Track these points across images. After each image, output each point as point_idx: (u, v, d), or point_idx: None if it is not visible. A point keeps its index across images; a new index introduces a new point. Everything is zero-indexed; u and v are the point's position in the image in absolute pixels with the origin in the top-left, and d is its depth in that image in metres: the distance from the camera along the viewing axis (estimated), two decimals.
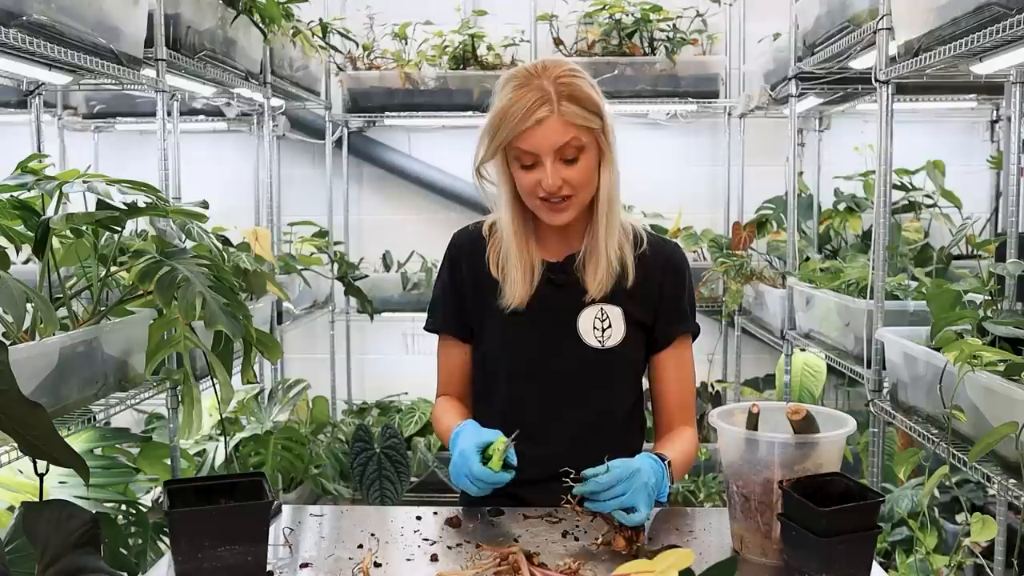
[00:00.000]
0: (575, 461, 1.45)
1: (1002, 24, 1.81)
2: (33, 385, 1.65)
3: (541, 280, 1.65)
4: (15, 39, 1.81)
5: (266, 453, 3.25)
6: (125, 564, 2.26)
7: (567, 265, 1.66)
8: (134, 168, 2.62)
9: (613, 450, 1.48)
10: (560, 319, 1.64)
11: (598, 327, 1.64)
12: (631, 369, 1.69)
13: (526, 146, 1.53)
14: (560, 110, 1.51)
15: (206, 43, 2.71)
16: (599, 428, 1.65)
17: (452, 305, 1.73)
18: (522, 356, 1.66)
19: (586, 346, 1.63)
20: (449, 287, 1.73)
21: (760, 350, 4.42)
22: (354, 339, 4.59)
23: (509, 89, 1.54)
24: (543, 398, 1.65)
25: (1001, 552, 2.24)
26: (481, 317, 1.70)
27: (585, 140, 1.54)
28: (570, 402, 1.65)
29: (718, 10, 4.29)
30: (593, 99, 1.55)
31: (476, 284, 1.70)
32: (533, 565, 1.29)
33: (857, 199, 4.14)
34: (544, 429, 1.63)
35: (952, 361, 1.83)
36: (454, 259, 1.74)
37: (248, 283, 2.38)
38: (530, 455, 1.52)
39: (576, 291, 1.64)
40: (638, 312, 1.65)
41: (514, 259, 1.64)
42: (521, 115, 1.51)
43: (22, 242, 1.87)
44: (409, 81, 4.08)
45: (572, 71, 1.56)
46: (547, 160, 1.53)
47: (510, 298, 1.63)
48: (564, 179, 1.54)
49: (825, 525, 1.23)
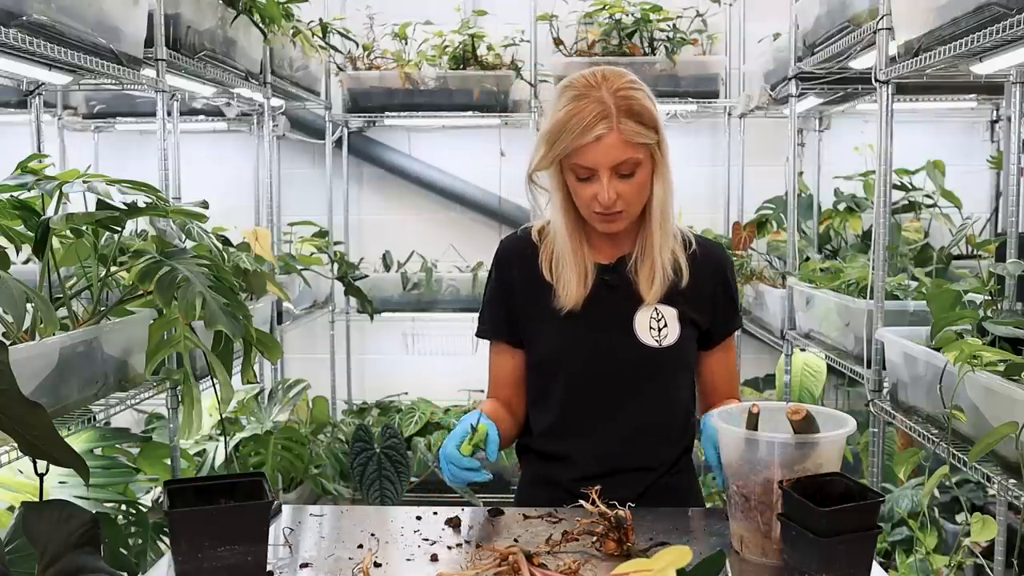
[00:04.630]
0: (627, 459, 1.60)
1: (1002, 24, 1.80)
2: (33, 385, 1.65)
3: (595, 282, 1.65)
4: (15, 39, 1.81)
5: (266, 453, 3.25)
6: (125, 564, 2.26)
7: (619, 267, 1.67)
8: (134, 168, 2.62)
9: (665, 447, 1.58)
10: (616, 319, 1.65)
11: (654, 327, 1.64)
12: (685, 367, 1.70)
13: (584, 161, 1.52)
14: (620, 127, 1.50)
15: (206, 43, 2.71)
16: (653, 426, 1.67)
17: (502, 311, 1.72)
18: (579, 356, 1.65)
19: (643, 345, 1.63)
20: (498, 293, 1.72)
21: (760, 350, 4.42)
22: (354, 339, 4.59)
23: (567, 99, 1.53)
24: (600, 398, 1.65)
25: (1001, 552, 2.24)
26: (534, 321, 1.69)
27: (642, 157, 1.54)
28: (626, 401, 1.65)
29: (718, 10, 4.28)
30: (651, 113, 1.54)
31: (528, 289, 1.69)
32: (533, 565, 1.29)
33: (857, 199, 4.14)
34: (599, 428, 1.65)
35: (952, 361, 1.83)
36: (503, 265, 1.73)
37: (248, 283, 2.38)
38: (591, 452, 1.62)
39: (630, 292, 1.65)
40: (691, 311, 1.67)
41: (569, 262, 1.63)
42: (580, 130, 1.49)
43: (22, 242, 1.87)
44: (409, 81, 4.08)
45: (632, 83, 1.55)
46: (604, 175, 1.52)
47: (565, 300, 1.63)
48: (619, 193, 1.54)
49: (825, 525, 1.23)
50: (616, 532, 1.40)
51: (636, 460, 1.64)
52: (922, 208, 4.01)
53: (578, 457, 1.66)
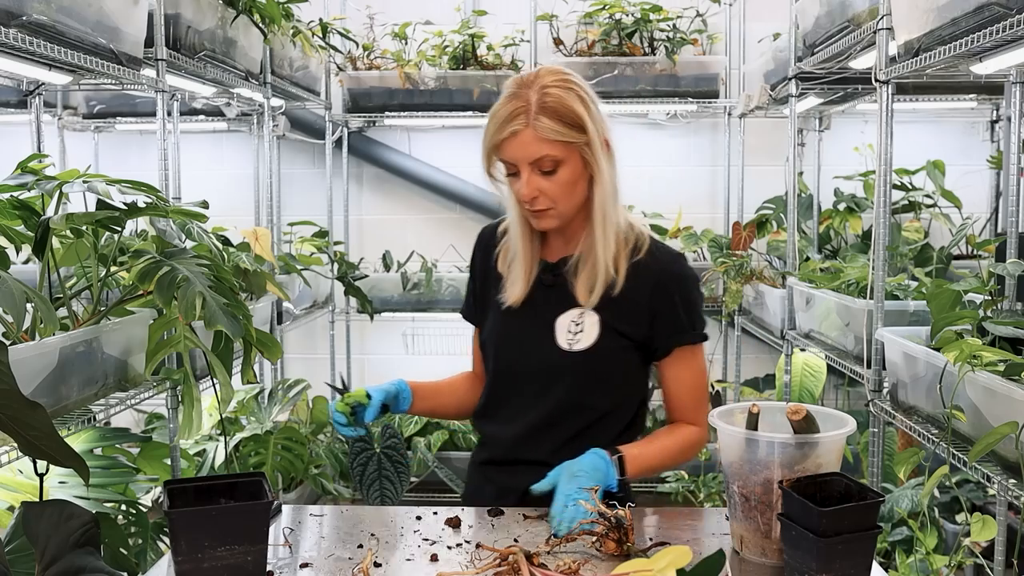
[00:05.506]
0: (529, 452, 1.66)
1: (1002, 24, 1.80)
2: (33, 385, 1.65)
3: (535, 279, 1.69)
4: (15, 39, 1.81)
5: (266, 453, 3.26)
6: (125, 564, 2.25)
7: (559, 267, 1.68)
8: (134, 168, 2.63)
9: (574, 448, 1.58)
10: (543, 319, 1.68)
11: (572, 330, 1.66)
12: (595, 375, 1.66)
13: (503, 156, 1.58)
14: (535, 124, 1.53)
15: (206, 43, 2.71)
16: (559, 427, 1.68)
17: (471, 295, 1.84)
18: (505, 349, 1.72)
19: (557, 348, 1.66)
20: (470, 279, 1.85)
21: (760, 350, 4.42)
22: (354, 339, 4.59)
23: (503, 96, 1.58)
24: (516, 391, 1.72)
25: (1001, 552, 2.24)
26: (486, 308, 1.77)
27: (561, 155, 1.55)
28: (536, 398, 1.69)
29: (718, 10, 4.29)
30: (576, 113, 1.54)
31: (485, 278, 1.78)
32: (533, 565, 1.29)
33: (857, 199, 4.14)
34: (512, 417, 1.71)
35: (952, 361, 1.83)
36: (474, 253, 1.83)
37: (248, 283, 2.38)
38: (498, 437, 1.73)
39: (564, 292, 1.67)
40: (619, 320, 1.65)
41: (519, 257, 1.69)
42: (498, 126, 1.55)
43: (22, 242, 1.86)
44: (409, 81, 4.08)
45: (564, 83, 1.56)
46: (523, 171, 1.56)
47: (508, 295, 1.69)
48: (540, 190, 1.57)
49: (825, 525, 1.23)
50: (616, 532, 1.40)
51: (538, 455, 1.64)
52: (922, 208, 4.02)
53: (490, 440, 1.78)
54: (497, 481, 1.73)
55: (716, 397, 4.42)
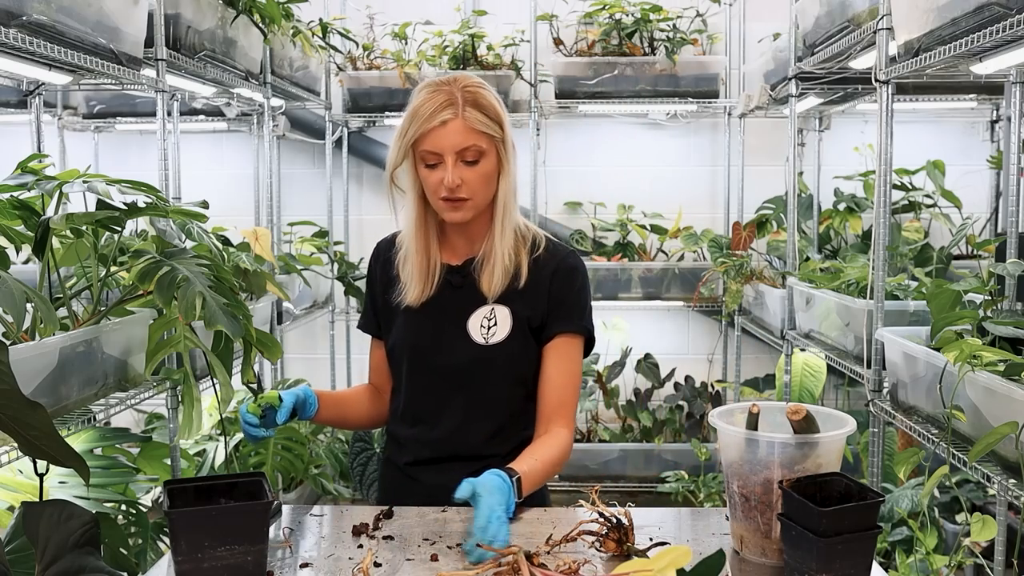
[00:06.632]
0: (454, 448, 1.72)
1: (1002, 24, 1.81)
2: (33, 385, 1.65)
3: (441, 282, 1.76)
4: (15, 39, 1.81)
5: (266, 453, 3.26)
6: (125, 564, 2.25)
7: (465, 268, 1.77)
8: (134, 168, 2.63)
9: (497, 440, 1.71)
10: (453, 318, 1.75)
11: (485, 325, 1.74)
12: (515, 365, 1.74)
13: (430, 147, 1.64)
14: (464, 115, 1.63)
15: (206, 43, 2.71)
16: (481, 420, 1.74)
17: (369, 306, 1.89)
18: (419, 350, 1.76)
19: (473, 343, 1.73)
20: (368, 291, 1.89)
21: (760, 350, 4.42)
22: (354, 339, 4.59)
23: (422, 94, 1.66)
24: (434, 389, 1.76)
25: (1001, 552, 2.24)
26: (391, 315, 1.82)
27: (485, 146, 1.66)
28: (456, 394, 1.74)
29: (718, 10, 4.29)
30: (495, 109, 1.68)
31: (386, 285, 1.83)
32: (533, 565, 1.29)
33: (857, 199, 4.14)
34: (436, 416, 1.76)
35: (952, 361, 1.83)
36: (371, 265, 1.88)
37: (248, 283, 2.38)
38: (423, 439, 1.75)
39: (472, 291, 1.75)
40: (526, 311, 1.74)
41: (412, 257, 1.75)
42: (427, 115, 1.63)
43: (22, 242, 1.86)
44: (409, 81, 4.07)
45: (480, 84, 1.69)
46: (449, 159, 1.64)
47: (407, 295, 1.76)
48: (463, 179, 1.65)
49: (825, 525, 1.23)
50: (616, 532, 1.40)
51: (463, 450, 1.73)
52: (922, 208, 4.02)
53: (412, 442, 1.79)
54: (425, 480, 1.76)
55: (716, 397, 4.42)
